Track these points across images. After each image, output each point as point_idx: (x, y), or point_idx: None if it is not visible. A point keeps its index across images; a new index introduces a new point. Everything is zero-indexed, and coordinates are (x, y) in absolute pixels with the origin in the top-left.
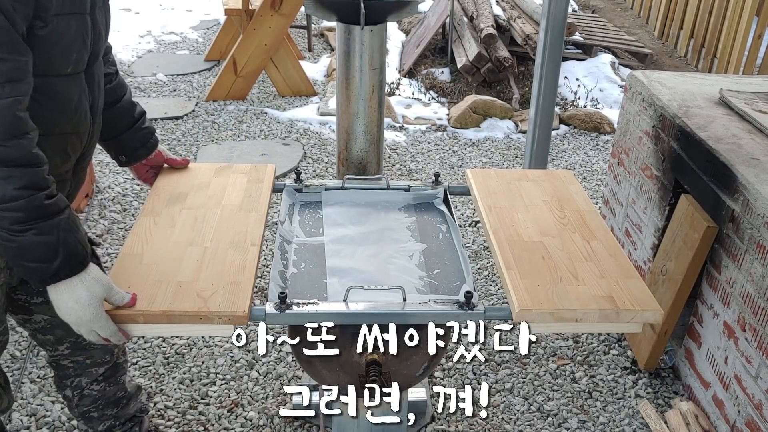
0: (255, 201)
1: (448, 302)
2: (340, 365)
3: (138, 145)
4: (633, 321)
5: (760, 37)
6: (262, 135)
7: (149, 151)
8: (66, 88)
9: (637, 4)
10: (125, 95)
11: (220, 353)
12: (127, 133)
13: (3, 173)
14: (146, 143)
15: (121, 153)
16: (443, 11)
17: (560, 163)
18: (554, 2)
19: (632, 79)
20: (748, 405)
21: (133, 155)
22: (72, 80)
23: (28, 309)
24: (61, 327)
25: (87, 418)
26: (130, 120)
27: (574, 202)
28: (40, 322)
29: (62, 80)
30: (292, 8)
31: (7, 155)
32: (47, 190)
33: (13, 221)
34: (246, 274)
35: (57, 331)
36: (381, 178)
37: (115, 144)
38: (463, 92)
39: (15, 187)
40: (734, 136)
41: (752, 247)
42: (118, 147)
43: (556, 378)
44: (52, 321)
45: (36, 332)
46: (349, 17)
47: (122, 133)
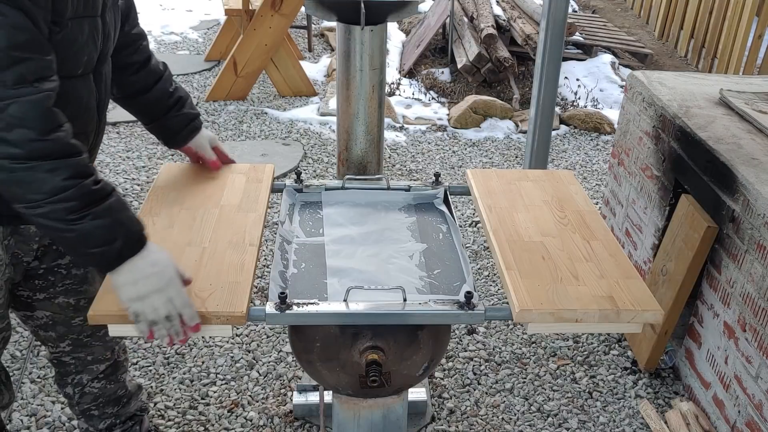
0: (254, 201)
1: (449, 302)
2: (341, 365)
3: (173, 132)
4: (633, 321)
5: (761, 38)
6: (262, 135)
7: (185, 138)
8: (76, 89)
9: (638, 4)
10: (157, 83)
11: (220, 353)
12: (161, 120)
13: (48, 166)
14: (181, 131)
15: (160, 138)
16: (443, 11)
17: (560, 164)
18: (554, 2)
19: (632, 80)
20: (748, 405)
21: (172, 140)
22: (82, 81)
23: (30, 305)
24: (63, 323)
25: (88, 416)
26: (163, 107)
27: (575, 203)
28: (42, 319)
29: (73, 81)
30: (292, 8)
31: (50, 149)
32: (92, 176)
33: (67, 211)
34: (244, 275)
35: (59, 327)
36: (381, 178)
37: (154, 128)
38: (464, 92)
39: (63, 178)
40: (734, 137)
41: (752, 248)
42: (156, 131)
43: (557, 378)
44: (54, 317)
45: (38, 329)
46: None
47: (158, 119)
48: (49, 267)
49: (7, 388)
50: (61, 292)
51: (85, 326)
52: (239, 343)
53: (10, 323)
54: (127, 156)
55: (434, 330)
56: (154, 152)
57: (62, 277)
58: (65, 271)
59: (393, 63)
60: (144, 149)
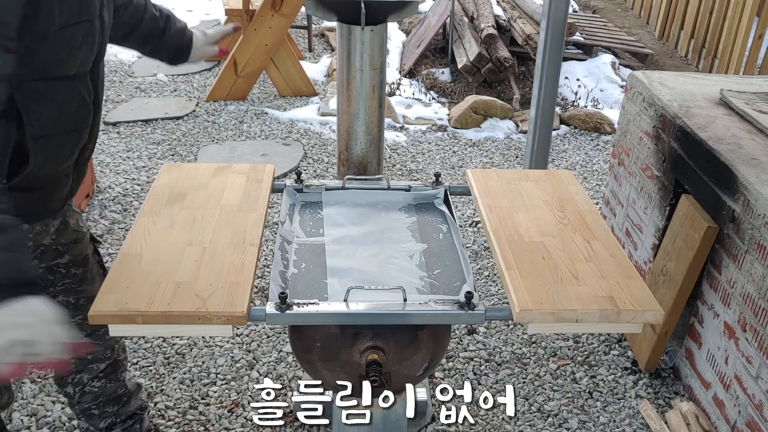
0: (254, 201)
1: (449, 302)
2: (341, 365)
3: (174, 48)
4: (633, 321)
5: (761, 38)
6: (262, 135)
7: (184, 55)
8: (70, 89)
9: (638, 4)
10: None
11: (220, 353)
12: (164, 38)
13: None
14: (181, 45)
15: (164, 60)
16: (444, 11)
17: (561, 164)
18: (555, 2)
19: (633, 80)
20: (748, 405)
21: (175, 60)
22: (77, 81)
23: None
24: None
25: (88, 416)
26: (158, 34)
27: (575, 203)
28: None
29: (66, 82)
30: (292, 8)
31: None
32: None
33: None
34: (245, 275)
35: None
36: (381, 178)
37: (159, 55)
38: (464, 92)
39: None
40: (735, 137)
41: (753, 248)
42: (163, 56)
43: (557, 378)
44: None
45: None
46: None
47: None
48: (49, 266)
49: (6, 388)
50: (61, 291)
51: (85, 325)
52: (239, 343)
53: None
54: (127, 156)
55: (434, 330)
56: (155, 152)
57: (62, 276)
58: (64, 270)
59: (393, 63)
60: (144, 149)
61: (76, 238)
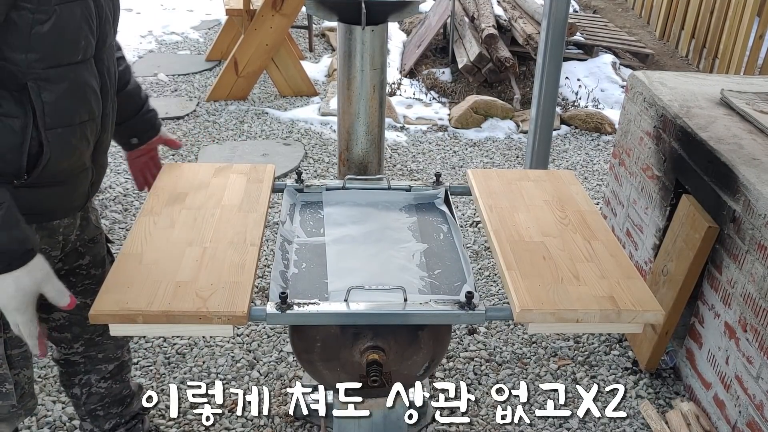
0: (254, 201)
1: (449, 302)
2: (341, 365)
3: (148, 127)
4: (634, 321)
5: (762, 38)
6: (263, 135)
7: (156, 131)
8: (80, 76)
9: (638, 4)
10: (131, 79)
11: (221, 353)
12: (137, 117)
13: None
14: (155, 124)
15: (134, 135)
16: (444, 11)
17: (561, 164)
18: (555, 2)
19: (633, 80)
20: (749, 405)
21: (144, 137)
22: (83, 66)
23: (48, 307)
24: (79, 324)
25: (93, 417)
26: (139, 103)
27: (575, 203)
28: (59, 320)
29: (74, 68)
30: (293, 8)
31: None
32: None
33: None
34: (245, 275)
35: (75, 328)
36: (382, 178)
37: (127, 128)
38: (464, 92)
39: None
40: (735, 137)
41: (753, 248)
42: (130, 131)
43: (557, 378)
44: (71, 318)
45: (52, 330)
46: (350, 17)
47: (133, 117)
48: (71, 268)
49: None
50: (80, 292)
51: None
52: (240, 343)
53: None
54: None
55: (435, 330)
56: None
57: (82, 278)
58: (85, 272)
59: (394, 63)
60: None
61: (94, 237)
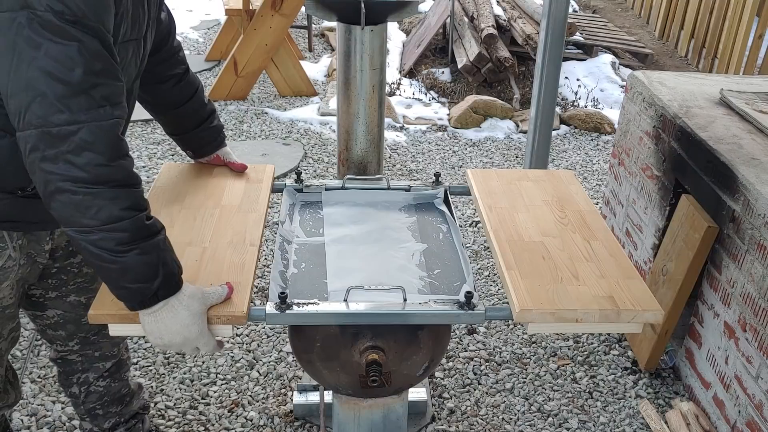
0: (254, 201)
1: (449, 302)
2: (341, 365)
3: (204, 143)
4: (633, 321)
5: (761, 38)
6: (262, 135)
7: (215, 148)
8: None
9: (638, 4)
10: (195, 95)
11: (220, 353)
12: (194, 131)
13: (109, 194)
14: (212, 141)
15: (189, 148)
16: (444, 11)
17: (561, 163)
18: (555, 2)
19: (633, 80)
20: (748, 405)
21: (199, 151)
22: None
23: (42, 305)
24: (73, 322)
25: (92, 416)
26: (198, 119)
27: (575, 202)
28: (53, 317)
29: None
30: (292, 8)
31: (114, 175)
32: (146, 211)
33: (117, 242)
34: (245, 275)
35: (69, 326)
36: (381, 178)
37: (184, 140)
38: (464, 92)
39: (121, 208)
40: (735, 137)
41: (753, 248)
42: (187, 142)
43: (557, 378)
44: (65, 316)
45: (47, 328)
46: (350, 17)
47: (190, 131)
48: (62, 266)
49: (13, 387)
50: (73, 290)
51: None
52: (239, 343)
53: (20, 323)
54: None
55: (434, 330)
56: (155, 152)
57: (74, 276)
58: (77, 270)
59: (393, 63)
60: (144, 149)
61: None
